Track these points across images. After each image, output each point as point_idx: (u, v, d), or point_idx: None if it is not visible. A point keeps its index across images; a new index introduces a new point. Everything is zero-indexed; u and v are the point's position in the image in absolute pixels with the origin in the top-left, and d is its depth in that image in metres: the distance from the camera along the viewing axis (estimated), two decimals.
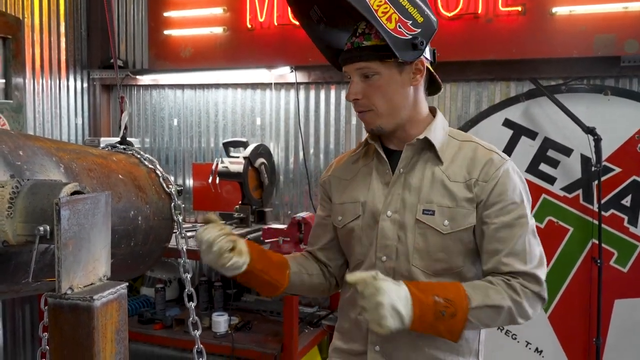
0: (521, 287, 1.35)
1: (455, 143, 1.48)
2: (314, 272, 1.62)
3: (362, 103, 1.42)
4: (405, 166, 1.46)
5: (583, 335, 3.10)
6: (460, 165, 1.43)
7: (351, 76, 1.42)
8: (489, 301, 1.31)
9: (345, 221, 1.54)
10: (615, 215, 3.03)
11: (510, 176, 1.42)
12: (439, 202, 1.41)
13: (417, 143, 1.44)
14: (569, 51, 2.99)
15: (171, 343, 3.31)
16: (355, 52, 1.39)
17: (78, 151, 1.08)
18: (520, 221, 1.40)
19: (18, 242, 0.84)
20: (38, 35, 3.71)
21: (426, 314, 1.25)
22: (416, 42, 1.34)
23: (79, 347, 0.82)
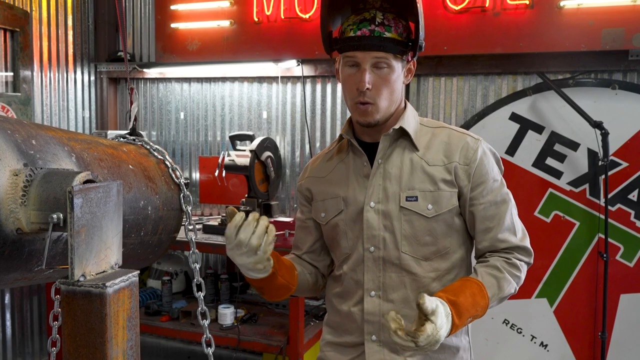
0: (519, 262, 1.44)
1: (427, 130, 1.51)
2: (312, 271, 1.63)
3: (371, 94, 1.40)
4: (382, 156, 1.48)
5: (588, 330, 3.10)
6: (437, 150, 1.47)
7: (361, 64, 1.39)
8: (502, 294, 1.39)
9: (328, 217, 1.54)
10: (622, 209, 3.03)
11: (487, 155, 1.48)
12: (420, 187, 1.44)
13: (393, 133, 1.46)
14: (576, 45, 2.98)
15: (177, 335, 3.33)
16: (376, 40, 1.37)
17: (89, 141, 1.09)
18: (504, 197, 1.47)
19: (32, 229, 0.86)
20: (46, 28, 3.73)
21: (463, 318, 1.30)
22: (422, 44, 1.42)
23: (91, 333, 0.83)
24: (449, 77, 3.41)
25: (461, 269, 1.51)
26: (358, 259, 1.49)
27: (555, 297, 3.16)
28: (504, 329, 3.24)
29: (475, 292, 1.34)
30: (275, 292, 1.50)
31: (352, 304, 1.51)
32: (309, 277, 1.61)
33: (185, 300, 3.57)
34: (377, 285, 1.47)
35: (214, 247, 3.22)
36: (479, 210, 1.45)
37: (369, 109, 1.42)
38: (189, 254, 1.27)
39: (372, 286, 1.47)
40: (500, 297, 1.39)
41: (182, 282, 3.73)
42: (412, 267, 1.45)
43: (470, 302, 1.31)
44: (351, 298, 1.52)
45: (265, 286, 1.46)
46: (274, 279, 1.43)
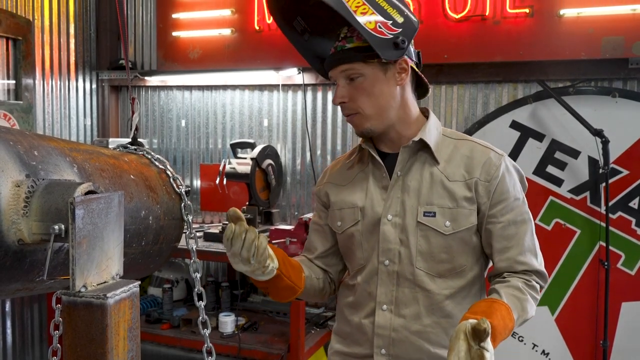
0: (538, 285, 1.43)
1: (450, 142, 1.48)
2: (320, 276, 1.62)
3: (349, 106, 1.43)
4: (402, 169, 1.46)
5: (590, 338, 3.09)
6: (458, 165, 1.44)
7: (337, 80, 1.43)
8: (526, 315, 1.37)
9: (344, 227, 1.54)
10: (623, 217, 3.03)
11: (510, 172, 1.46)
12: (439, 203, 1.41)
13: (413, 145, 1.45)
14: (576, 53, 2.99)
15: (178, 343, 3.33)
16: (338, 56, 1.41)
17: (91, 151, 1.09)
18: (524, 217, 1.44)
19: (33, 240, 0.86)
20: (48, 36, 3.75)
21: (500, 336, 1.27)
22: (397, 41, 1.35)
23: (92, 344, 0.83)
24: (449, 85, 3.42)
25: (474, 287, 1.49)
26: (372, 271, 1.48)
27: (556, 305, 3.15)
28: None
29: (505, 314, 1.29)
30: (280, 292, 1.49)
31: (363, 316, 1.50)
32: (316, 282, 1.60)
33: (186, 307, 3.57)
34: (389, 299, 1.46)
35: (215, 255, 3.22)
36: (497, 229, 1.42)
37: (355, 119, 1.44)
38: (190, 263, 1.27)
39: (384, 300, 1.46)
40: (523, 319, 1.37)
41: (182, 289, 3.73)
42: (426, 283, 1.43)
43: (502, 325, 1.26)
44: (363, 309, 1.51)
45: (269, 287, 1.45)
46: (278, 281, 1.42)
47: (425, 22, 3.20)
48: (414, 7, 3.21)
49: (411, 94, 1.49)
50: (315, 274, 1.60)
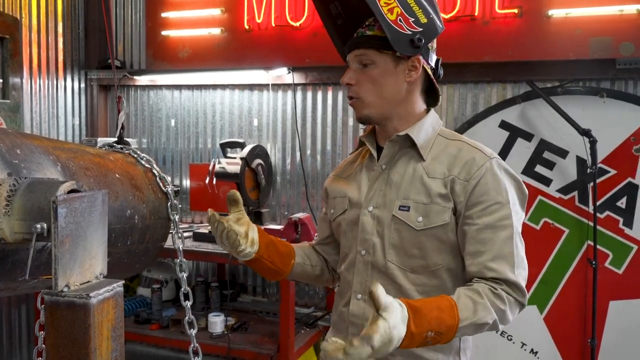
0: (506, 295, 1.32)
1: (442, 141, 1.49)
2: (317, 264, 1.69)
3: (354, 89, 1.46)
4: (387, 162, 1.49)
5: (578, 336, 3.11)
6: (442, 162, 1.44)
7: (350, 63, 1.47)
8: (477, 319, 1.28)
9: (335, 215, 1.60)
10: (611, 217, 3.05)
11: (495, 174, 1.40)
12: (414, 198, 1.42)
13: (398, 139, 1.47)
14: (565, 53, 3.01)
15: (167, 343, 3.31)
16: (356, 40, 1.45)
17: (75, 150, 1.09)
18: (504, 222, 1.36)
19: (15, 240, 0.85)
20: (36, 35, 3.71)
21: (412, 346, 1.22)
22: (414, 39, 1.36)
23: (75, 344, 0.83)
24: (439, 85, 3.41)
25: (451, 288, 1.42)
26: (352, 260, 1.52)
27: (545, 304, 3.17)
28: (494, 336, 3.25)
29: (444, 308, 1.25)
30: (262, 272, 1.60)
31: (343, 304, 1.55)
32: (311, 269, 1.68)
33: (175, 308, 3.55)
34: (363, 289, 1.48)
35: (205, 255, 3.21)
36: (471, 231, 1.37)
37: (355, 104, 1.48)
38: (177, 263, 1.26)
39: (359, 289, 1.49)
40: (474, 322, 1.27)
41: (172, 290, 3.71)
42: (397, 277, 1.43)
43: (434, 315, 1.22)
44: (344, 298, 1.55)
45: (250, 266, 1.57)
46: (257, 263, 1.54)
47: None
48: None
49: (418, 94, 1.50)
50: (312, 261, 1.68)
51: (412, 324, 1.17)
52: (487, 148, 1.48)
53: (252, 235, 1.49)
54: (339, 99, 3.63)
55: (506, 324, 1.35)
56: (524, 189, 1.47)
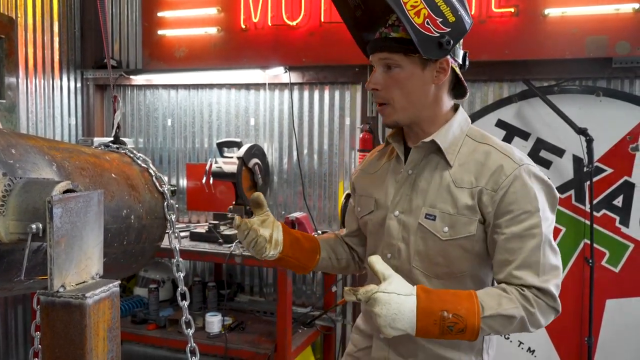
0: (534, 298, 1.32)
1: (471, 144, 1.44)
2: (343, 256, 1.73)
3: (381, 95, 1.42)
4: (414, 167, 1.46)
5: (575, 335, 3.12)
6: (469, 170, 1.40)
7: (375, 65, 1.43)
8: (502, 310, 1.28)
9: (362, 214, 1.61)
10: (607, 215, 3.06)
11: (524, 182, 1.36)
12: (441, 207, 1.40)
13: (424, 145, 1.44)
14: (561, 52, 3.01)
15: (164, 343, 3.31)
16: (381, 42, 1.39)
17: (71, 150, 1.08)
18: (533, 232, 1.34)
19: (10, 240, 0.84)
20: (31, 34, 3.70)
21: (432, 329, 1.24)
22: (442, 41, 1.31)
23: (71, 345, 0.82)
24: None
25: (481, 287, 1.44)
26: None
27: None
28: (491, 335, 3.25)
29: (460, 294, 1.29)
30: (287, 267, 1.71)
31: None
32: (337, 263, 1.71)
33: (172, 308, 3.54)
34: None
35: (201, 255, 3.20)
36: (500, 240, 1.35)
37: (385, 110, 1.44)
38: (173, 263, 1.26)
39: None
40: (499, 313, 1.27)
41: (169, 289, 3.71)
42: (421, 282, 1.41)
43: (448, 298, 1.26)
44: None
45: (279, 264, 1.64)
46: (281, 262, 1.59)
47: None
48: None
49: (446, 94, 1.46)
50: (337, 254, 1.72)
51: (424, 299, 1.23)
52: (516, 152, 1.43)
53: (276, 237, 1.51)
54: (335, 98, 3.63)
55: (537, 327, 1.35)
56: (555, 193, 1.43)
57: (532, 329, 1.35)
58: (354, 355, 1.65)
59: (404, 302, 1.22)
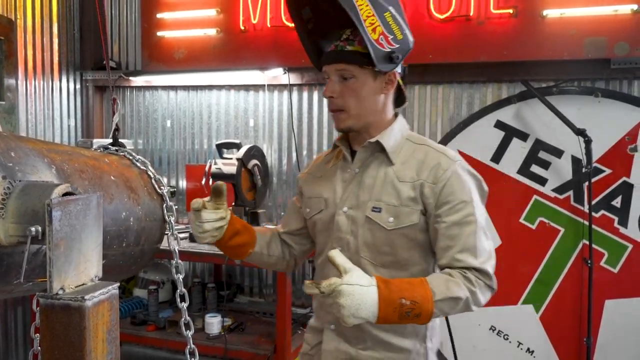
0: (475, 279, 1.45)
1: (411, 146, 1.61)
2: (275, 254, 1.79)
3: (337, 102, 1.56)
4: (360, 166, 1.61)
5: (574, 336, 3.12)
6: (410, 167, 1.56)
7: (330, 76, 1.57)
8: (450, 293, 1.40)
9: (311, 214, 1.71)
10: (606, 216, 3.06)
11: (459, 176, 1.53)
12: (386, 200, 1.54)
13: (370, 145, 1.59)
14: (559, 53, 3.02)
15: (164, 345, 3.31)
16: (337, 54, 1.54)
17: (70, 152, 1.08)
18: (469, 219, 1.49)
19: (10, 242, 0.85)
20: (31, 36, 3.70)
21: (391, 316, 1.34)
22: (393, 56, 1.48)
23: (70, 347, 0.82)
24: (434, 85, 3.43)
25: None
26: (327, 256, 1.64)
27: (541, 303, 3.18)
28: (491, 336, 3.26)
29: (413, 282, 1.41)
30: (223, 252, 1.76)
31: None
32: (266, 258, 1.78)
33: (171, 309, 3.54)
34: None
35: (201, 256, 3.21)
36: (441, 228, 1.50)
37: (340, 116, 1.58)
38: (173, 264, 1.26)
39: None
40: (448, 296, 1.39)
41: (168, 291, 3.71)
42: (369, 271, 1.51)
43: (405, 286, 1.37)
44: None
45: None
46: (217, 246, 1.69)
47: (410, 23, 3.15)
48: None
49: (390, 103, 1.63)
50: (270, 250, 1.78)
51: (384, 289, 1.33)
52: (450, 151, 1.60)
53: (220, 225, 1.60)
54: None
55: (478, 305, 1.47)
56: (484, 187, 1.59)
57: (474, 307, 1.47)
58: (308, 353, 1.75)
59: (366, 292, 1.31)
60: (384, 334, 1.58)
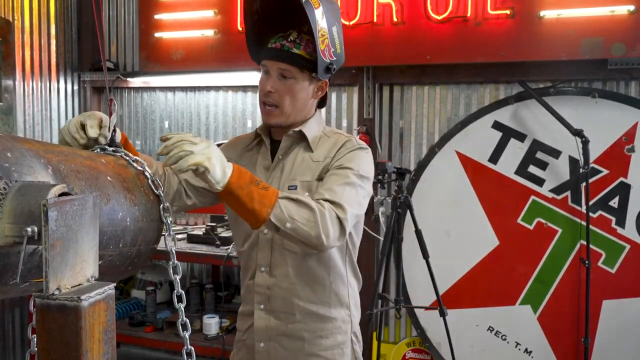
0: (328, 205, 1.50)
1: (324, 138, 1.73)
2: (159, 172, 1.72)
3: (274, 98, 1.64)
4: (283, 154, 1.71)
5: (572, 336, 3.13)
6: (324, 149, 1.69)
7: (270, 71, 1.65)
8: (295, 197, 1.47)
9: None
10: (603, 216, 3.07)
11: (358, 154, 1.64)
12: (301, 178, 1.65)
13: (293, 134, 1.69)
14: (557, 54, 3.02)
15: (162, 345, 3.31)
16: (284, 54, 1.62)
17: (66, 153, 1.08)
18: (349, 179, 1.57)
19: (6, 243, 0.85)
20: (28, 37, 3.70)
21: (244, 176, 1.40)
22: (331, 67, 1.63)
23: (66, 347, 0.82)
24: (432, 86, 3.44)
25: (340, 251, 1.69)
26: (255, 239, 1.71)
27: (538, 303, 3.18)
28: (488, 336, 3.26)
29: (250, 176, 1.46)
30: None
31: (248, 278, 1.74)
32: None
33: (169, 310, 3.55)
34: (266, 262, 1.69)
35: (198, 257, 3.21)
36: (325, 178, 1.61)
37: (273, 111, 1.66)
38: (170, 265, 1.26)
39: (262, 263, 1.69)
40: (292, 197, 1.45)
41: (166, 292, 3.71)
42: (292, 247, 1.63)
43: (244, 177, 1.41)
44: (248, 272, 1.74)
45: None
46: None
47: (407, 24, 3.22)
48: (397, 8, 3.23)
49: (315, 105, 1.75)
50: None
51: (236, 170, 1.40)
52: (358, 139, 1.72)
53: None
54: (332, 100, 3.64)
55: (326, 234, 1.48)
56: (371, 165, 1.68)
57: (322, 236, 1.46)
58: (241, 339, 1.81)
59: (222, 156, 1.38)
60: (311, 305, 1.67)
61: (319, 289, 1.68)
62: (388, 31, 3.26)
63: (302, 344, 1.70)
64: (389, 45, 3.25)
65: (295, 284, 1.67)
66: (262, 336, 1.71)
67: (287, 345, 1.70)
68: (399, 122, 3.52)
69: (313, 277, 1.68)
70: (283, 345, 1.70)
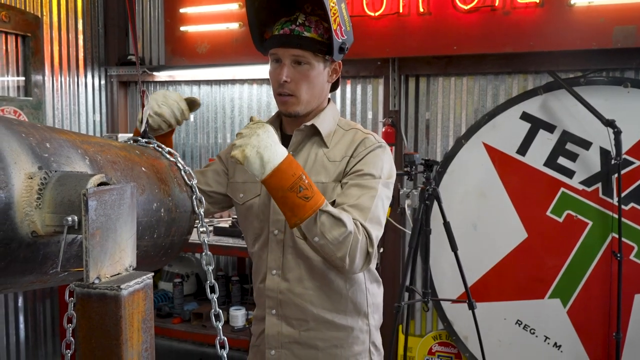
0: (363, 231, 1.45)
1: (340, 132, 1.64)
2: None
3: (290, 87, 1.55)
4: (295, 149, 1.61)
5: (602, 330, 3.07)
6: (341, 148, 1.59)
7: (282, 59, 1.55)
8: (338, 214, 1.40)
9: (246, 198, 1.67)
10: (636, 208, 3.00)
11: (378, 155, 1.55)
12: (315, 179, 1.54)
13: (305, 129, 1.60)
14: (587, 43, 2.96)
15: (189, 337, 3.34)
16: (295, 39, 1.52)
17: (102, 144, 1.09)
18: (373, 187, 1.50)
19: (46, 232, 0.86)
20: (56, 32, 3.76)
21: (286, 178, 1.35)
22: (344, 47, 1.53)
23: (106, 336, 0.83)
24: (458, 77, 3.39)
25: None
26: (265, 240, 1.64)
27: (568, 297, 3.13)
28: (517, 330, 3.22)
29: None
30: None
31: (259, 281, 1.68)
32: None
33: (196, 302, 3.58)
34: (277, 265, 1.61)
35: (225, 249, 3.23)
36: (344, 187, 1.53)
37: (290, 100, 1.57)
38: (201, 256, 1.27)
39: (273, 265, 1.62)
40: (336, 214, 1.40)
41: (193, 284, 3.74)
42: (306, 250, 1.56)
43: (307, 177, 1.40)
44: (259, 275, 1.68)
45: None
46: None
47: (434, 14, 3.18)
48: None
49: (328, 90, 1.66)
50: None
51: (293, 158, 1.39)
52: (376, 135, 1.63)
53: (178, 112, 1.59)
54: (357, 92, 3.62)
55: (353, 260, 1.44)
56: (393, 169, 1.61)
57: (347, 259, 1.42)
58: (255, 345, 1.76)
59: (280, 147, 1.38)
60: (326, 313, 1.60)
61: (335, 296, 1.60)
62: (414, 22, 3.22)
63: (315, 353, 1.62)
64: (414, 36, 3.21)
65: (309, 290, 1.59)
66: (273, 343, 1.64)
67: (299, 353, 1.63)
68: (425, 114, 3.49)
69: (328, 283, 1.60)
70: (295, 354, 1.63)
